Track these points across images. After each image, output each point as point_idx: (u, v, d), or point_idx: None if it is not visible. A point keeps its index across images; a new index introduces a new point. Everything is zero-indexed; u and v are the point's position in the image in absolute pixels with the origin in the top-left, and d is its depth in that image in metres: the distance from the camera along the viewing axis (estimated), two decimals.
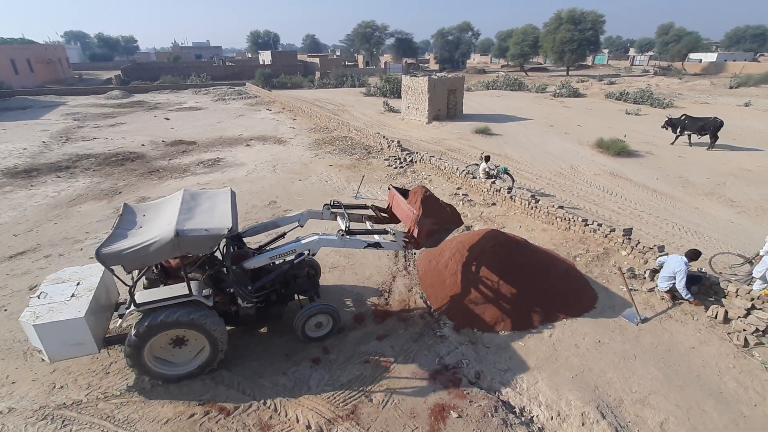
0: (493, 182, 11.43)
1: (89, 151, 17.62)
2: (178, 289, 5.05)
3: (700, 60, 64.55)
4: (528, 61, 63.36)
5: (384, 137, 17.37)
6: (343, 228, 5.80)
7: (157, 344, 5.09)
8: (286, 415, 4.82)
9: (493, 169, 11.99)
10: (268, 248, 6.28)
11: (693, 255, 6.67)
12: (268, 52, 64.81)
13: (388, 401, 5.02)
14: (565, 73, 56.35)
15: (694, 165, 15.09)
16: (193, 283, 5.09)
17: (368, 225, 6.55)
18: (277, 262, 5.84)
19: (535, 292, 6.70)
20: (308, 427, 4.65)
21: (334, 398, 5.06)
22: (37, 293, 5.11)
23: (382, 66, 67.05)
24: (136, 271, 5.19)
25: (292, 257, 5.82)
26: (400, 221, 6.65)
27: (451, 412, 4.83)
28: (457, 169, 12.87)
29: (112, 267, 4.58)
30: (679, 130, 17.86)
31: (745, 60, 60.73)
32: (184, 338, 5.18)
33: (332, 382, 5.31)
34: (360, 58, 73.65)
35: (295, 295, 6.30)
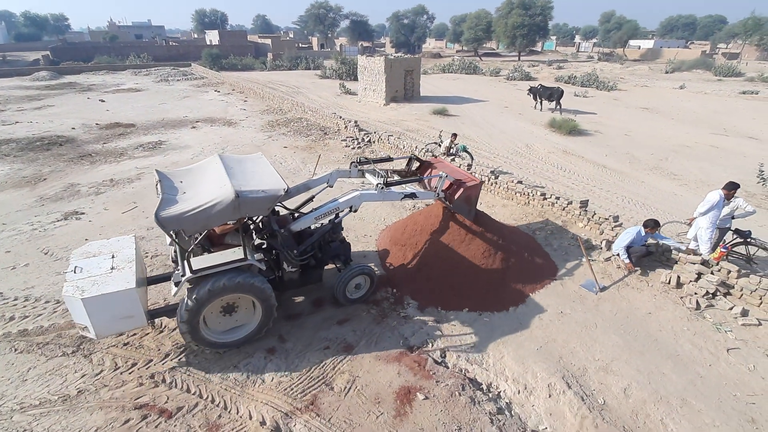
0: (453, 160, 11.28)
1: (10, 136, 15.67)
2: (230, 255, 4.90)
3: (639, 47, 68.33)
4: (482, 46, 64.20)
5: (341, 118, 16.77)
6: (381, 181, 5.87)
7: (209, 312, 4.94)
8: (237, 412, 4.35)
9: (453, 147, 11.85)
10: (301, 210, 6.21)
11: (648, 224, 6.81)
12: (216, 32, 61.05)
13: (350, 388, 4.69)
14: (517, 58, 57.73)
15: (639, 142, 15.77)
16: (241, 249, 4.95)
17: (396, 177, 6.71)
18: (313, 226, 5.81)
19: (498, 267, 6.59)
20: (262, 423, 4.21)
21: (292, 389, 4.65)
22: (70, 268, 4.73)
23: (338, 49, 65.35)
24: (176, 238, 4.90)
25: (327, 220, 5.80)
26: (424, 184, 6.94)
27: (418, 394, 4.59)
28: (416, 147, 12.60)
29: (172, 231, 4.48)
30: (538, 96, 21.32)
31: (678, 47, 64.98)
32: (234, 305, 5.09)
33: (289, 373, 4.89)
34: (314, 41, 71.48)
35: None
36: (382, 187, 5.85)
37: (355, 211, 5.89)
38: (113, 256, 4.99)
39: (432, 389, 4.66)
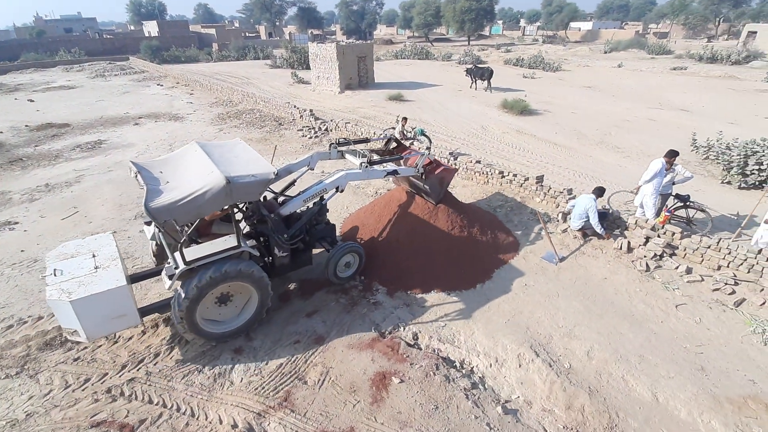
0: (411, 143, 11.26)
1: None
2: (222, 244, 4.81)
3: (579, 29, 71.26)
4: (432, 32, 64.49)
5: (295, 107, 16.31)
6: (364, 160, 5.98)
7: (204, 303, 4.78)
8: (206, 418, 4.14)
9: (410, 132, 11.82)
10: (286, 194, 6.16)
11: (599, 192, 7.16)
12: (154, 23, 57.27)
13: (324, 380, 4.60)
14: (466, 42, 58.48)
15: (584, 119, 16.49)
16: (233, 237, 4.81)
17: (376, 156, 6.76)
18: (300, 210, 5.79)
19: (463, 246, 6.68)
20: (234, 426, 4.04)
21: (263, 388, 4.49)
22: (49, 272, 4.46)
23: (287, 37, 63.29)
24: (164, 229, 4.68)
25: (311, 203, 5.80)
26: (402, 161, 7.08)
27: (393, 378, 4.58)
28: (374, 133, 12.48)
29: (164, 222, 4.26)
30: (473, 76, 22.63)
31: (614, 28, 68.43)
32: (229, 294, 5.03)
33: (259, 371, 4.72)
34: (261, 29, 68.85)
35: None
36: (366, 166, 5.94)
37: (342, 191, 5.91)
38: (94, 255, 4.76)
39: (407, 372, 4.67)
